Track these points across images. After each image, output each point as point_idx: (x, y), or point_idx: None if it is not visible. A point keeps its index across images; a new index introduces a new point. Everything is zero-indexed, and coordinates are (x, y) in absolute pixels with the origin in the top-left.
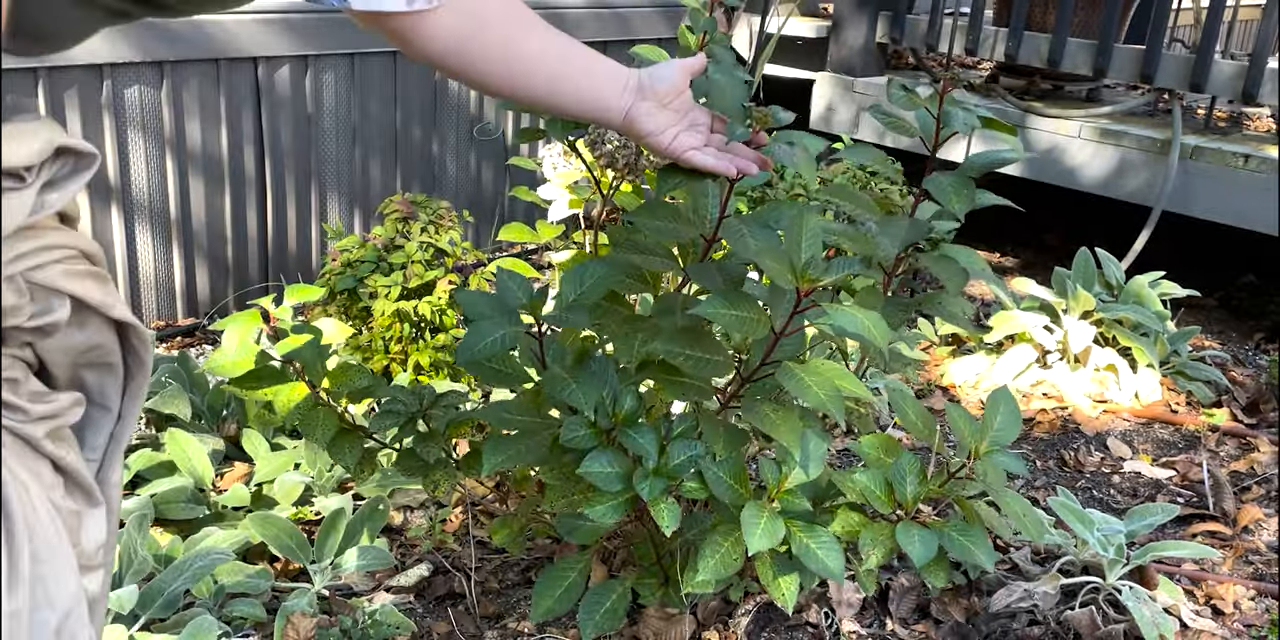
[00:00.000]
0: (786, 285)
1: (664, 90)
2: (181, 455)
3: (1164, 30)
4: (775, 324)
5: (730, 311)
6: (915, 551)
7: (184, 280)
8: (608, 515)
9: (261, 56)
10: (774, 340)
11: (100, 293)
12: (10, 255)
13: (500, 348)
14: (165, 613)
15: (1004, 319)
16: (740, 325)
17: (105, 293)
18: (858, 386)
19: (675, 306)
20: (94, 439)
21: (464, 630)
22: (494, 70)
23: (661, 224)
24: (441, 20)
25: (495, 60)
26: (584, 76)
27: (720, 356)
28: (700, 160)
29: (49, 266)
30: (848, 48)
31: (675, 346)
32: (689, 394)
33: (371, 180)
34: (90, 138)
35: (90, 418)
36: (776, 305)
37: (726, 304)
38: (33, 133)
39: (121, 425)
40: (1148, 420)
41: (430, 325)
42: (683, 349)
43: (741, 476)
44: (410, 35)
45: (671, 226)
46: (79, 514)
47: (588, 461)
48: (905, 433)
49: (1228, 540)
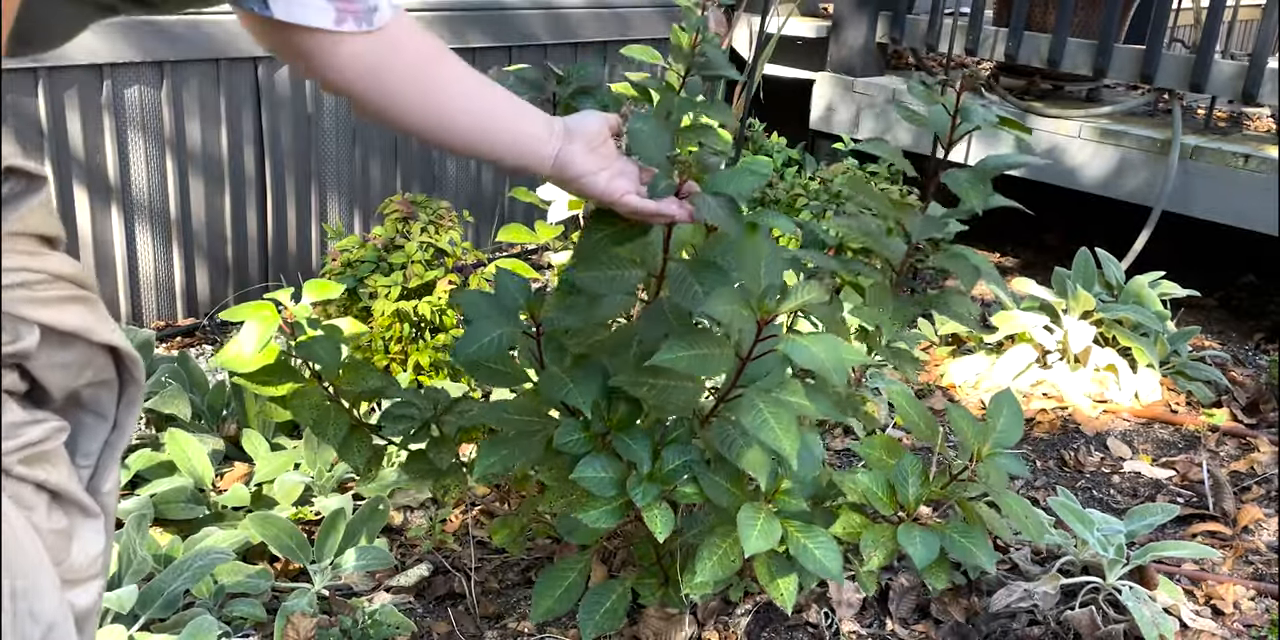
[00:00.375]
0: (746, 323)
1: (591, 132)
2: (181, 455)
3: (1164, 30)
4: (740, 353)
5: (690, 353)
6: (917, 553)
7: (184, 280)
8: (602, 520)
9: (261, 56)
10: (740, 365)
11: (78, 318)
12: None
13: (498, 348)
14: (165, 613)
15: (1004, 319)
16: (703, 364)
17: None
18: (828, 410)
19: (630, 342)
20: (87, 445)
21: (464, 630)
22: (412, 100)
23: (601, 273)
24: (366, 42)
25: (417, 89)
26: (514, 117)
27: (687, 382)
28: (638, 204)
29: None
30: (848, 48)
31: (636, 376)
32: (666, 413)
33: (371, 180)
34: (90, 138)
35: (84, 424)
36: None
37: (685, 346)
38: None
39: (117, 433)
40: (1148, 420)
41: (430, 325)
42: (645, 378)
43: (737, 479)
44: (326, 57)
45: (613, 274)
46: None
47: (581, 467)
48: (906, 433)
49: (1228, 540)
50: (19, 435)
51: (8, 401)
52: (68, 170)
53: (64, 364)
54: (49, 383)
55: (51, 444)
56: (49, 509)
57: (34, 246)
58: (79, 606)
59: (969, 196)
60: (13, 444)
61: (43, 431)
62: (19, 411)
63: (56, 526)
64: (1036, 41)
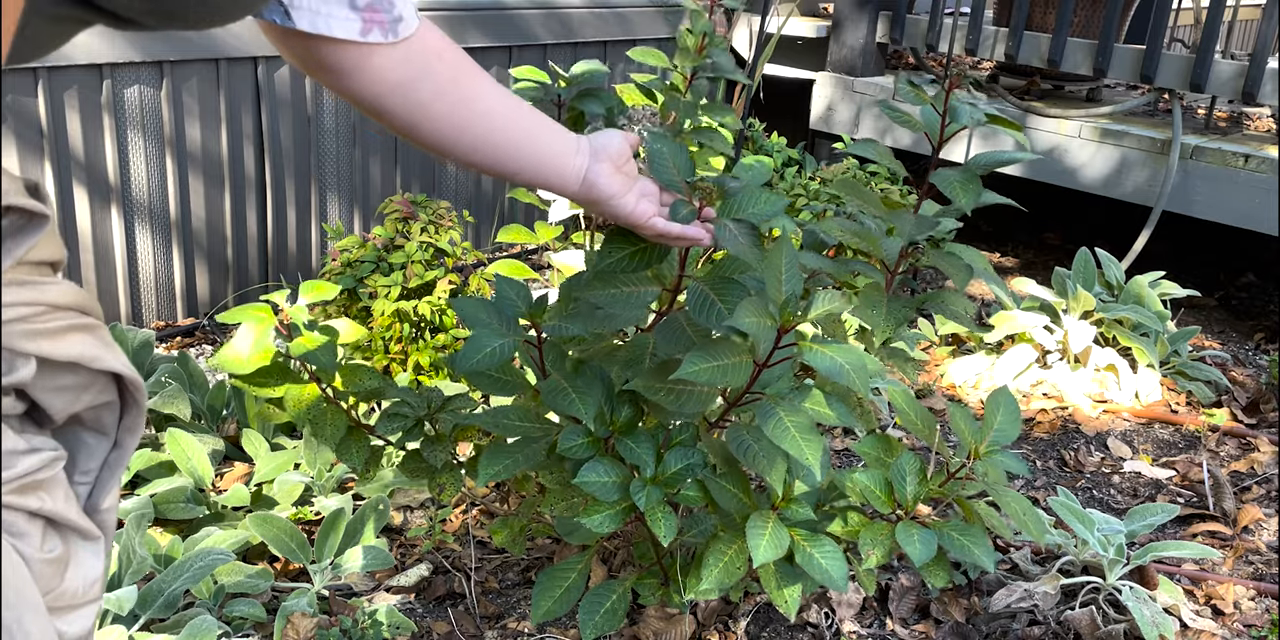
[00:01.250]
0: (767, 333)
1: (615, 151)
2: (181, 455)
3: (1164, 30)
4: (758, 358)
5: (712, 364)
6: (915, 551)
7: (184, 280)
8: (604, 524)
9: (261, 56)
10: (756, 371)
11: (78, 347)
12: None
13: (499, 358)
14: (165, 613)
15: (1004, 319)
16: (723, 375)
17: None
18: (846, 418)
19: (645, 352)
20: (86, 462)
21: (464, 630)
22: (443, 116)
23: (618, 291)
24: (393, 54)
25: (446, 103)
26: (544, 134)
27: (704, 388)
28: (664, 227)
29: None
30: (848, 48)
31: (654, 382)
32: (678, 417)
33: (371, 180)
34: (90, 138)
35: (84, 443)
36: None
37: (706, 358)
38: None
39: (118, 453)
40: (1148, 420)
41: (430, 325)
42: (662, 384)
43: (744, 484)
44: (354, 71)
45: (630, 292)
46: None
47: (584, 471)
48: (905, 433)
49: (1228, 540)
50: (14, 465)
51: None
52: (68, 170)
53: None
54: (49, 406)
55: (47, 473)
56: (44, 536)
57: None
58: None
59: (958, 196)
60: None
61: (39, 461)
62: (15, 439)
63: (49, 556)
64: (1036, 41)
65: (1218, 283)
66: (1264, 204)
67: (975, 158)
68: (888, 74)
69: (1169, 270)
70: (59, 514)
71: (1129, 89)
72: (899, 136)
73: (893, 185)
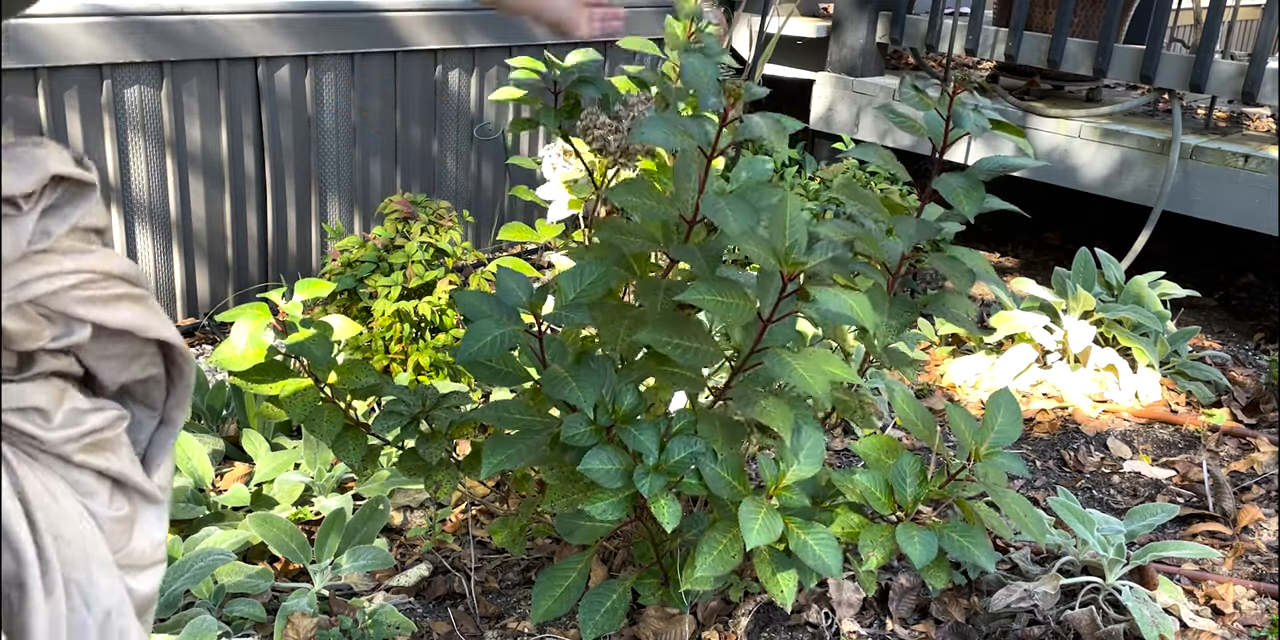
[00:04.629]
0: (770, 269)
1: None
2: (181, 455)
3: (1164, 30)
4: (763, 311)
5: (716, 298)
6: (915, 553)
7: (184, 280)
8: (609, 512)
9: (261, 56)
10: (762, 327)
11: (130, 314)
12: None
13: (499, 347)
14: (165, 613)
15: (1004, 319)
16: (726, 311)
17: (137, 314)
18: (847, 372)
19: (658, 290)
20: (135, 434)
21: (464, 630)
22: None
23: (642, 200)
24: None
25: None
26: None
27: (708, 346)
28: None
29: (62, 293)
30: (848, 48)
31: (662, 335)
32: (680, 383)
33: (371, 180)
34: (90, 138)
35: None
36: (764, 290)
37: (712, 290)
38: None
39: (166, 430)
40: (1148, 420)
41: (430, 325)
42: (670, 338)
43: (739, 473)
44: None
45: (652, 204)
46: (129, 518)
47: (588, 458)
48: (905, 433)
49: (1228, 540)
50: (82, 423)
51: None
52: None
53: (114, 355)
54: (100, 373)
55: (112, 432)
56: (111, 495)
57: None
58: (139, 593)
59: (962, 202)
60: (76, 431)
61: (104, 419)
62: (81, 399)
63: (118, 513)
64: (1036, 41)
65: (1218, 283)
66: (1264, 204)
67: (979, 163)
68: (888, 74)
69: (1169, 270)
70: (124, 474)
71: (1129, 89)
72: (899, 137)
73: (892, 185)
